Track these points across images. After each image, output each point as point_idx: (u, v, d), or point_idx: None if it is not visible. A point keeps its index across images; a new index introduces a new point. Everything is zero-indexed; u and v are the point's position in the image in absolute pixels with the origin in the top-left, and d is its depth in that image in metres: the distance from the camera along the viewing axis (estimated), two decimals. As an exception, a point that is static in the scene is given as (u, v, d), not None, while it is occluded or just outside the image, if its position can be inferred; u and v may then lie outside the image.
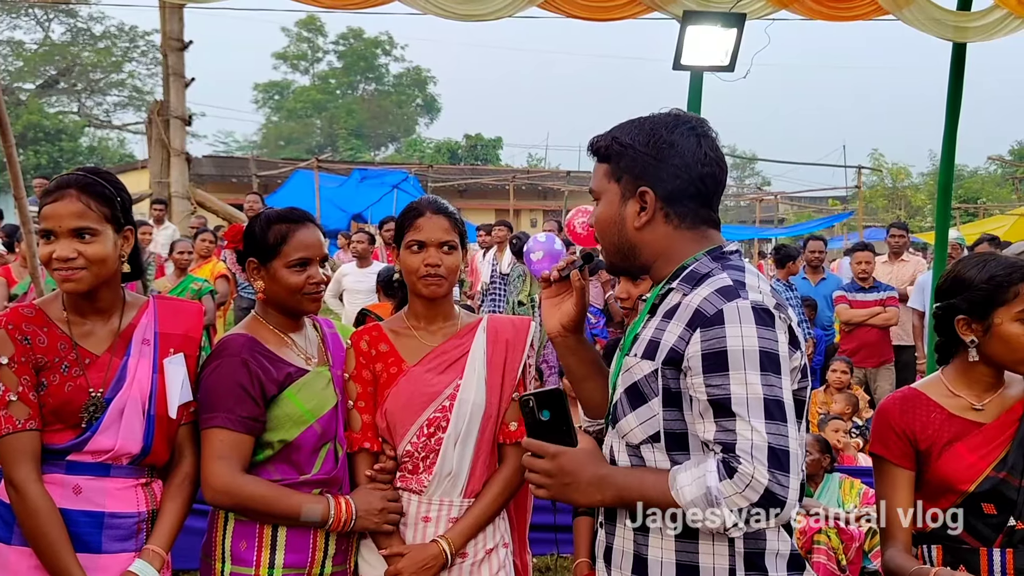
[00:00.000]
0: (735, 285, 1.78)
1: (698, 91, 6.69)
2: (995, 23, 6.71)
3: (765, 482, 1.66)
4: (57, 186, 2.24)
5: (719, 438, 1.72)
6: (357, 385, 2.51)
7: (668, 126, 1.89)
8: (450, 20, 6.54)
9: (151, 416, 2.29)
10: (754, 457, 1.67)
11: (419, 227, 2.50)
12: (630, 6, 6.73)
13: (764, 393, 1.70)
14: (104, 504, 2.25)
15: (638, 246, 1.92)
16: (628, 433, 1.86)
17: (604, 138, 1.95)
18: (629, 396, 1.86)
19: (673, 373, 1.79)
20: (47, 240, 2.22)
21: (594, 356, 2.18)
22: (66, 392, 2.22)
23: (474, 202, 26.88)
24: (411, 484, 2.48)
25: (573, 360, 2.15)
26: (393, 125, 53.48)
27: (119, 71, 41.66)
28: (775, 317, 1.76)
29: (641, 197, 1.88)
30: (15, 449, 2.17)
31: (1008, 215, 20.11)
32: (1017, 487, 2.14)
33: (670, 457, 1.81)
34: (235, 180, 25.25)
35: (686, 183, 1.87)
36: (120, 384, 2.27)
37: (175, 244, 8.28)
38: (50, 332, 2.24)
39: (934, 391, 2.27)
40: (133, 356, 2.31)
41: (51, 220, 2.21)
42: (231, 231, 2.59)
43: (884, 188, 32.54)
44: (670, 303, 1.85)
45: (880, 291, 7.84)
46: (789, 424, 1.71)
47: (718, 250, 1.90)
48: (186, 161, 15.57)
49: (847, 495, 4.92)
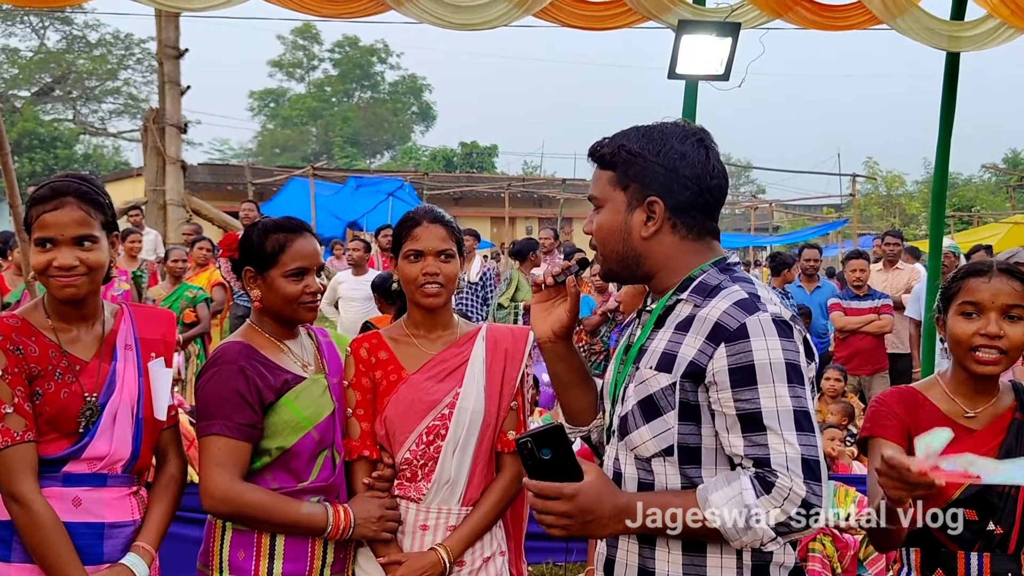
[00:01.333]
0: (751, 298, 1.78)
1: (693, 100, 6.71)
2: (988, 32, 6.74)
3: (803, 493, 1.68)
4: (54, 193, 2.21)
5: (749, 452, 1.72)
6: (356, 393, 2.52)
7: (678, 137, 1.88)
8: (446, 29, 6.56)
9: (139, 419, 2.30)
10: (790, 470, 1.69)
11: (416, 237, 2.51)
12: (625, 16, 6.75)
13: (793, 405, 1.71)
14: (103, 515, 2.25)
15: (643, 255, 1.90)
16: (639, 446, 1.84)
17: (609, 145, 1.92)
18: (643, 408, 1.83)
19: (692, 387, 1.78)
20: (43, 248, 2.20)
21: (581, 363, 2.15)
22: (62, 399, 2.21)
23: (469, 210, 26.90)
24: (409, 492, 2.48)
25: (561, 367, 2.11)
26: (389, 133, 53.54)
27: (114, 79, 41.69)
28: (793, 329, 1.78)
29: (650, 207, 1.87)
30: (15, 462, 2.14)
31: (1002, 223, 20.17)
32: (1001, 494, 2.15)
33: (682, 471, 1.80)
34: (230, 188, 25.25)
35: (695, 194, 1.86)
36: (112, 389, 2.27)
37: (170, 252, 8.26)
38: (38, 341, 2.22)
39: (931, 393, 2.29)
40: (120, 361, 2.31)
41: (52, 228, 2.19)
42: (226, 240, 2.59)
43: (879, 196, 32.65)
44: (680, 315, 1.85)
45: (875, 299, 7.86)
46: (816, 433, 1.73)
47: (723, 261, 1.90)
48: (181, 169, 15.56)
49: (842, 502, 4.91)
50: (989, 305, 2.17)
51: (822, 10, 6.88)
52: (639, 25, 6.89)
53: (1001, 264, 2.23)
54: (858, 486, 4.96)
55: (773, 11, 6.60)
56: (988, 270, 2.21)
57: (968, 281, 2.21)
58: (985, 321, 2.17)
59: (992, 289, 2.17)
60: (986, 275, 2.20)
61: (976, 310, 2.18)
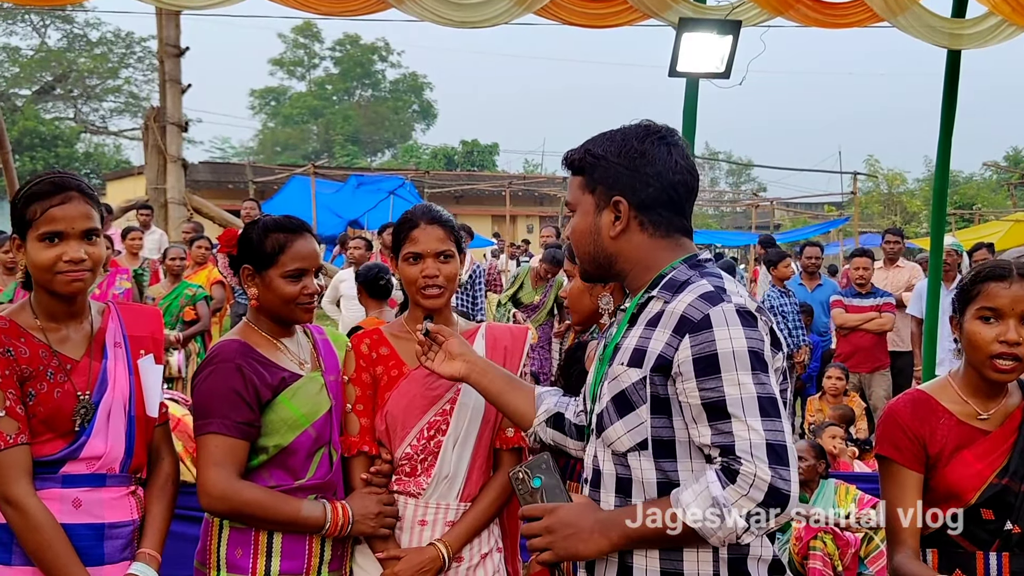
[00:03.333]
0: (717, 290, 1.81)
1: (694, 98, 6.71)
2: (990, 30, 6.73)
3: (768, 479, 1.69)
4: (57, 188, 2.21)
5: (716, 441, 1.74)
6: (356, 388, 2.52)
7: (639, 136, 1.93)
8: (446, 27, 6.56)
9: (132, 417, 2.30)
10: (754, 456, 1.70)
11: (415, 239, 2.50)
12: (626, 13, 6.75)
13: (757, 391, 1.73)
14: (103, 515, 2.24)
15: (614, 255, 1.96)
16: (615, 441, 1.87)
17: (577, 151, 2.00)
18: (617, 404, 1.87)
19: (662, 380, 1.81)
20: (50, 243, 2.19)
21: (502, 372, 2.30)
22: (55, 399, 2.19)
23: (470, 208, 26.91)
24: (408, 487, 2.48)
25: (484, 380, 2.26)
26: (389, 131, 53.56)
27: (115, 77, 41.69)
28: (758, 319, 1.80)
29: (615, 206, 1.92)
30: (8, 466, 2.12)
31: (1003, 221, 20.18)
32: (1017, 493, 2.14)
33: (656, 464, 1.83)
34: (231, 186, 25.26)
35: (658, 191, 1.91)
36: (104, 387, 2.26)
37: (168, 250, 8.24)
38: (28, 342, 2.21)
39: (944, 396, 2.26)
40: (110, 359, 2.30)
41: (63, 222, 2.18)
42: (225, 235, 2.59)
43: (880, 194, 32.67)
44: (652, 311, 1.88)
45: (877, 297, 7.86)
46: (783, 419, 1.75)
47: (694, 258, 1.93)
48: (182, 167, 15.55)
49: (842, 500, 4.91)
50: (1009, 311, 2.16)
51: (823, 8, 6.88)
52: (640, 23, 6.89)
53: (1022, 268, 2.20)
54: (858, 484, 4.96)
55: (774, 9, 6.60)
56: (1008, 275, 2.18)
57: (988, 285, 2.19)
58: (1004, 327, 2.15)
59: (1012, 295, 2.16)
60: (1006, 280, 2.18)
61: (995, 315, 2.17)
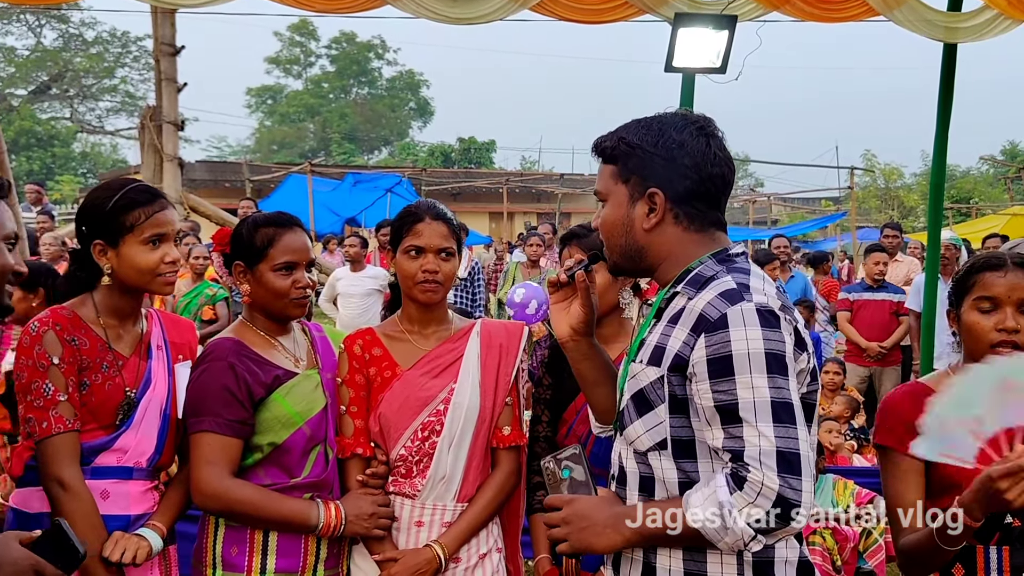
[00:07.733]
0: (739, 288, 1.74)
1: (690, 93, 6.69)
2: (986, 23, 6.72)
3: (776, 488, 1.62)
4: (154, 195, 2.39)
5: (727, 445, 1.68)
6: (350, 390, 2.50)
7: (677, 126, 1.85)
8: (442, 24, 6.54)
9: (166, 416, 2.42)
10: (763, 463, 1.63)
11: (418, 232, 2.48)
12: (621, 9, 6.73)
13: (771, 396, 1.66)
14: (129, 508, 2.35)
15: (646, 248, 1.88)
16: (635, 440, 1.84)
17: (610, 138, 1.90)
18: (636, 403, 1.83)
19: (679, 379, 1.76)
20: (154, 246, 2.34)
21: (606, 361, 2.10)
22: (107, 391, 2.32)
23: (468, 205, 26.89)
24: (404, 488, 2.47)
25: (585, 365, 2.07)
26: (386, 129, 53.54)
27: (111, 76, 41.67)
28: (780, 319, 1.72)
29: (651, 198, 1.84)
30: (65, 447, 2.24)
31: (1000, 215, 20.18)
32: None
33: (677, 465, 1.78)
34: (228, 185, 25.25)
35: (696, 184, 1.83)
36: (147, 385, 2.40)
37: (192, 249, 8.22)
38: (88, 334, 2.33)
39: (943, 386, 2.26)
40: (154, 359, 2.45)
41: (168, 226, 2.38)
42: (219, 235, 2.60)
43: (877, 189, 32.63)
44: (676, 307, 1.82)
45: (889, 291, 7.85)
46: (799, 426, 1.67)
47: (723, 252, 1.86)
48: (179, 166, 15.52)
49: (841, 495, 4.92)
50: (1006, 299, 2.15)
51: (819, 2, 6.87)
52: (636, 18, 6.87)
53: (1016, 257, 2.19)
54: (857, 479, 4.96)
55: (770, 3, 6.59)
56: (1003, 264, 2.18)
57: (983, 275, 2.19)
58: (1002, 316, 2.15)
59: (1008, 283, 2.15)
60: (1001, 269, 2.17)
61: (992, 304, 2.16)
